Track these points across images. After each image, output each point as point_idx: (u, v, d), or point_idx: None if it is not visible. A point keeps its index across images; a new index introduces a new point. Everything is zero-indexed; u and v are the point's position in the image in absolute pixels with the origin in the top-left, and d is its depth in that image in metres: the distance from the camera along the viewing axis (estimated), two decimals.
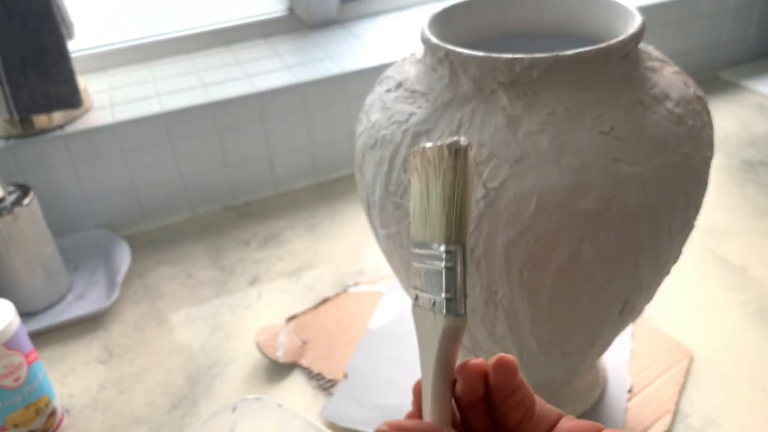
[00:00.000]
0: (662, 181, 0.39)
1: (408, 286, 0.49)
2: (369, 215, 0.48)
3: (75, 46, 0.83)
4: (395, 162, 0.42)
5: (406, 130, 0.42)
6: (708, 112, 0.46)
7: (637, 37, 0.41)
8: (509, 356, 0.26)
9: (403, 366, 0.60)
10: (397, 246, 0.45)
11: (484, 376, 0.26)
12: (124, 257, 0.76)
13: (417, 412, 0.29)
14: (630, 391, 0.56)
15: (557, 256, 0.39)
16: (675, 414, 0.54)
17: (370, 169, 0.44)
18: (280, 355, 0.62)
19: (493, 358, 0.26)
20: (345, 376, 0.60)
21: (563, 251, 0.39)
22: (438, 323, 0.25)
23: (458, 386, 0.27)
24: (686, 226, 0.44)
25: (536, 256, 0.39)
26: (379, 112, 0.45)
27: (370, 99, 0.48)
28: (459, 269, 0.25)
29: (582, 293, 0.41)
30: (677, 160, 0.40)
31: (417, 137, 0.41)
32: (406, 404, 0.57)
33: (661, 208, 0.40)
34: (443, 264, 0.25)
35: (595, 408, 0.55)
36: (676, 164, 0.40)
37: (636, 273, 0.42)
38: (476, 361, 0.26)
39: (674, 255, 0.45)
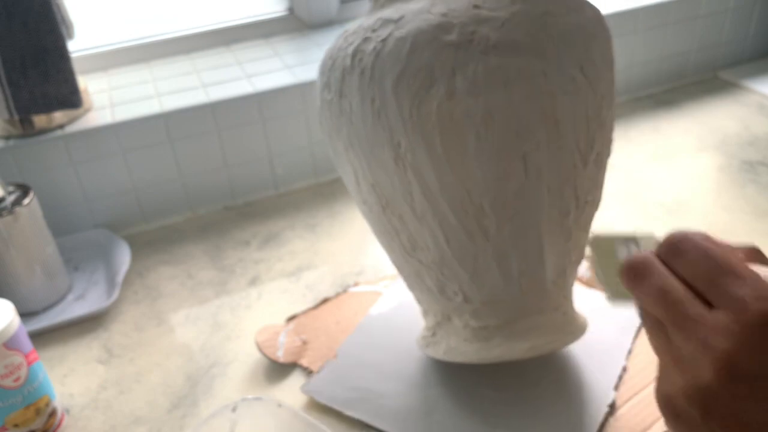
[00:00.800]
0: (520, 21, 0.44)
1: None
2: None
3: (75, 46, 0.83)
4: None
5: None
6: None
7: None
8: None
9: (394, 353, 0.61)
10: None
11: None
12: (124, 257, 0.76)
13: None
14: (611, 406, 0.54)
15: (436, 92, 0.44)
16: None
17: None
18: (280, 355, 0.62)
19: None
20: (335, 357, 0.61)
21: (440, 86, 0.44)
22: None
23: None
24: (561, 77, 0.45)
25: (419, 93, 0.44)
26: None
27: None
28: None
29: (467, 135, 0.45)
30: (535, 11, 0.45)
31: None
32: (387, 390, 0.59)
33: (522, 44, 0.44)
34: None
35: (568, 417, 0.54)
36: (533, 13, 0.45)
37: (516, 114, 0.44)
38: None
39: (555, 107, 0.46)
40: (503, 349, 0.51)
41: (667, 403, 0.32)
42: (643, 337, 0.61)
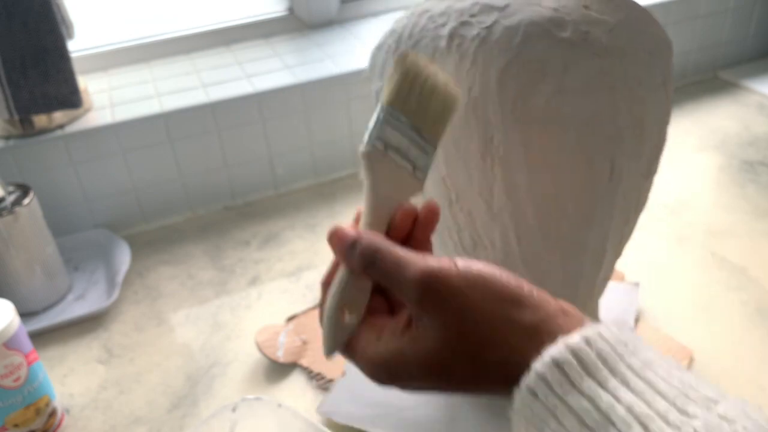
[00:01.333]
0: (625, 28, 0.44)
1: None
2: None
3: (75, 46, 0.83)
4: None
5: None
6: None
7: None
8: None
9: None
10: None
11: (414, 216, 0.35)
12: (124, 257, 0.76)
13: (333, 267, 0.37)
14: None
15: (544, 87, 0.42)
16: None
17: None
18: (280, 355, 0.62)
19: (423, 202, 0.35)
20: (343, 374, 0.60)
21: (550, 81, 0.42)
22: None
23: (394, 220, 0.35)
24: (654, 89, 0.46)
25: (527, 86, 0.42)
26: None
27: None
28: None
29: (569, 134, 0.44)
30: (636, 19, 0.46)
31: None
32: (404, 402, 0.57)
33: (627, 51, 0.44)
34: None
35: None
36: (635, 21, 0.45)
37: (614, 119, 0.44)
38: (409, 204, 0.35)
39: (646, 118, 0.46)
40: None
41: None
42: (643, 336, 0.61)
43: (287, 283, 0.73)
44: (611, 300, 0.62)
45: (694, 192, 0.83)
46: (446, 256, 0.32)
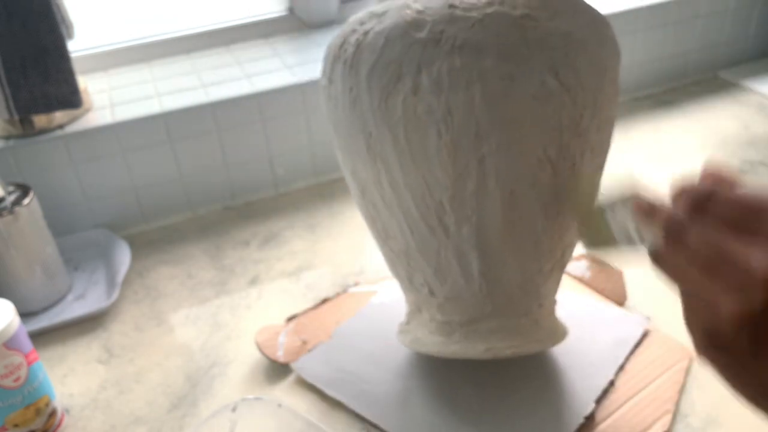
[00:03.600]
0: (492, 23, 0.45)
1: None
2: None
3: (75, 46, 0.83)
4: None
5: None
6: None
7: None
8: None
9: (385, 342, 0.62)
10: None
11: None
12: (124, 257, 0.76)
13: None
14: (588, 417, 0.54)
15: (402, 86, 0.45)
16: (675, 414, 0.54)
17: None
18: (280, 355, 0.62)
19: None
20: (330, 338, 0.63)
21: (406, 81, 0.45)
22: None
23: None
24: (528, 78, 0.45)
25: (387, 85, 0.46)
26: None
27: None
28: None
29: (429, 131, 0.46)
30: (512, 13, 0.45)
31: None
32: (370, 376, 0.59)
33: (489, 46, 0.44)
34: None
35: (541, 421, 0.54)
36: (508, 15, 0.45)
37: (475, 114, 0.45)
38: None
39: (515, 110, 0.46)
40: (461, 347, 0.52)
41: (710, 335, 0.31)
42: (639, 355, 0.60)
43: (287, 283, 0.73)
44: (610, 328, 0.62)
45: None
46: None
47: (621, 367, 0.58)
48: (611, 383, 0.57)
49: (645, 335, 0.61)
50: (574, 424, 0.53)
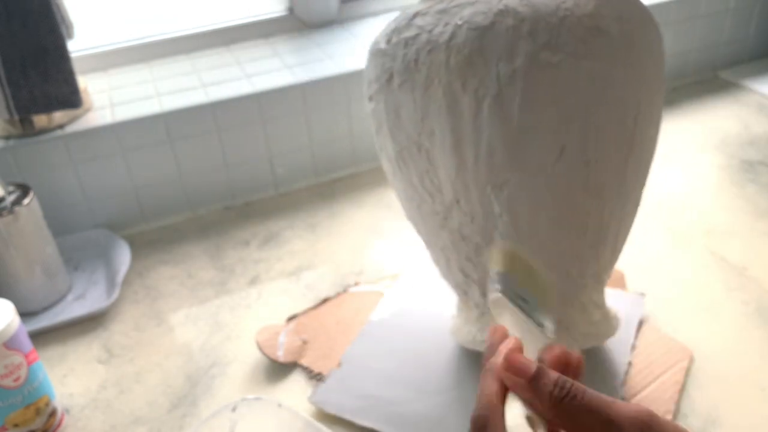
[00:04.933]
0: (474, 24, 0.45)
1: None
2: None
3: (75, 46, 0.83)
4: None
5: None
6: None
7: None
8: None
9: (398, 359, 0.61)
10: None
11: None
12: (124, 257, 0.76)
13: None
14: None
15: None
16: (675, 414, 0.54)
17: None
18: (280, 355, 0.62)
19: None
20: (339, 365, 0.61)
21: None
22: None
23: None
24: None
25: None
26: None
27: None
28: None
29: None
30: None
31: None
32: (397, 397, 0.58)
33: (452, 47, 0.45)
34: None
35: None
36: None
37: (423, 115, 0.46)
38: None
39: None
40: None
41: None
42: (643, 336, 0.61)
43: (287, 283, 0.73)
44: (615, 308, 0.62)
45: (693, 192, 0.83)
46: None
47: (633, 347, 0.59)
48: (630, 364, 0.58)
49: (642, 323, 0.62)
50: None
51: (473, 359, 0.60)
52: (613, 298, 0.62)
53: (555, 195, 0.47)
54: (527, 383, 0.35)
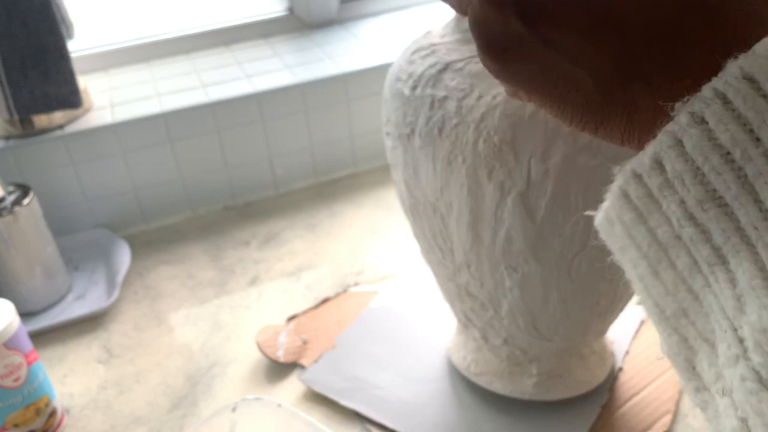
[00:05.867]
0: None
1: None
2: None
3: (75, 46, 0.83)
4: None
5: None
6: None
7: None
8: None
9: (392, 345, 0.62)
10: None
11: None
12: (124, 257, 0.76)
13: None
14: (604, 407, 0.55)
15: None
16: (675, 414, 0.54)
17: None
18: (280, 355, 0.62)
19: None
20: (333, 346, 0.62)
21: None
22: None
23: None
24: None
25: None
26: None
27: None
28: None
29: None
30: None
31: None
32: (383, 382, 0.59)
33: None
34: None
35: (560, 415, 0.55)
36: None
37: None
38: None
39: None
40: (507, 385, 0.54)
41: (493, 37, 0.24)
42: (643, 336, 0.61)
43: (287, 283, 0.73)
44: (611, 339, 0.62)
45: None
46: None
47: (627, 353, 0.59)
48: (620, 369, 0.58)
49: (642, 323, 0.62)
50: (593, 415, 0.54)
51: None
52: None
53: (571, 281, 0.45)
54: None
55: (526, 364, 0.54)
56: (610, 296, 0.48)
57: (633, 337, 0.61)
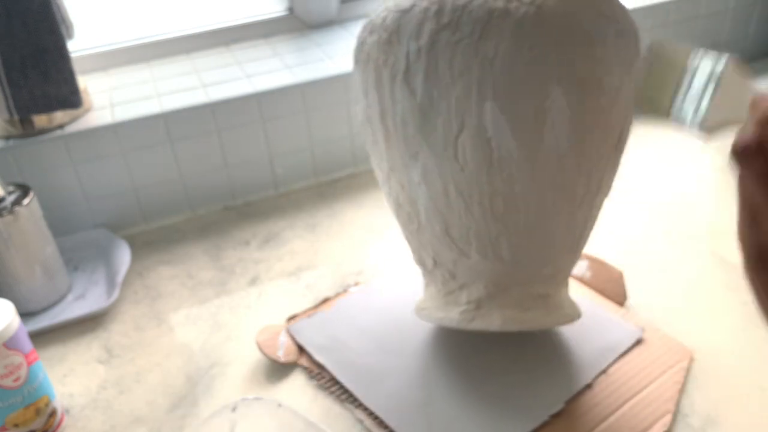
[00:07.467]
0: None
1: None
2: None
3: (75, 46, 0.83)
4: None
5: None
6: None
7: None
8: None
9: (378, 317, 0.65)
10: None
11: None
12: (124, 257, 0.76)
13: None
14: (555, 415, 0.54)
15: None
16: (675, 414, 0.54)
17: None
18: (280, 355, 0.62)
19: None
20: (331, 306, 0.67)
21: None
22: None
23: None
24: None
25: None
26: None
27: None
28: None
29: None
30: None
31: None
32: (358, 347, 0.62)
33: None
34: None
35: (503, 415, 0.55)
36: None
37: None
38: None
39: None
40: (479, 322, 0.54)
41: (763, 251, 0.31)
42: (639, 355, 0.61)
43: (287, 283, 0.73)
44: (602, 334, 0.62)
45: (694, 192, 0.83)
46: None
47: (603, 371, 0.58)
48: (588, 386, 0.57)
49: (637, 343, 0.61)
50: (538, 420, 0.54)
51: (443, 340, 0.62)
52: (609, 324, 0.63)
53: (461, 170, 0.49)
54: None
55: (458, 291, 0.55)
56: (506, 195, 0.49)
57: (615, 360, 0.59)
